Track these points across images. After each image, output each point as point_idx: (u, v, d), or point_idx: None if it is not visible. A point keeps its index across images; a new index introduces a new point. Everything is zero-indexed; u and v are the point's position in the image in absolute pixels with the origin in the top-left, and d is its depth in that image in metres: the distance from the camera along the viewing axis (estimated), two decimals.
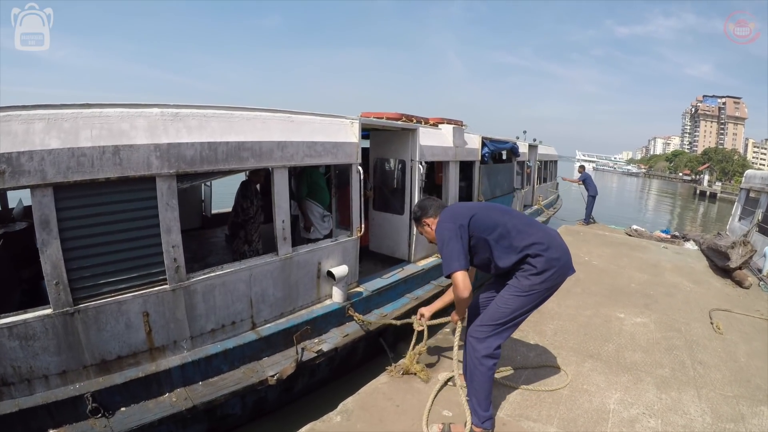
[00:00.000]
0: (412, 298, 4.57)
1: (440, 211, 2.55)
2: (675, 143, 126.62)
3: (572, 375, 3.22)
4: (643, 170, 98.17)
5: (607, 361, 3.51)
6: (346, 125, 3.98)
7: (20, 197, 4.34)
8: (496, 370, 3.08)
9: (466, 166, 6.47)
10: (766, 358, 3.74)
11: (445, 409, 2.73)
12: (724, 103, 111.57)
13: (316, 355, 3.36)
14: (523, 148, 9.51)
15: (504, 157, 8.87)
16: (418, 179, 4.93)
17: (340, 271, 3.79)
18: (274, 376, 3.02)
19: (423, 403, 2.75)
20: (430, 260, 5.26)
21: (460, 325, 2.83)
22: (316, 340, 3.56)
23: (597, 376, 3.25)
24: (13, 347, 2.34)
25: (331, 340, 3.58)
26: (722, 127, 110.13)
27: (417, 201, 3.07)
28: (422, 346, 3.18)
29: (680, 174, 78.52)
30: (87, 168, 2.41)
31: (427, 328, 3.13)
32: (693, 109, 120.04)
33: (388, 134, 5.27)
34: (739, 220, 9.16)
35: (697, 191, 42.86)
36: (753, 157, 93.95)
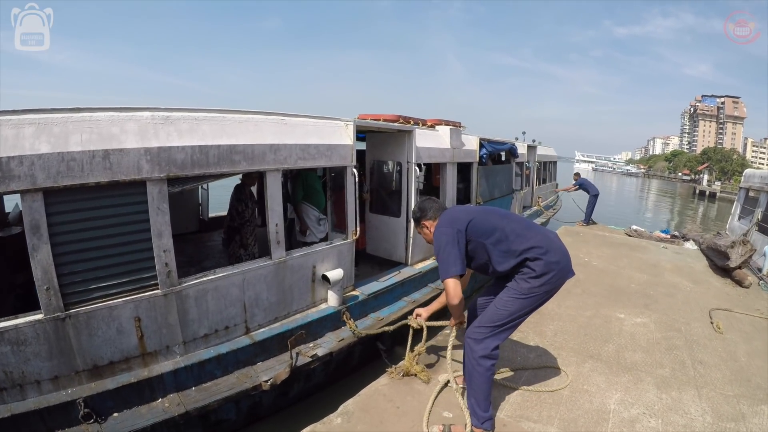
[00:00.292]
0: (410, 302, 4.52)
1: (440, 213, 2.57)
2: (674, 143, 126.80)
3: (572, 375, 3.21)
4: (643, 170, 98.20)
5: (608, 361, 3.49)
6: (341, 127, 3.96)
7: (17, 201, 4.31)
8: (497, 371, 3.07)
9: (464, 168, 6.45)
10: (767, 357, 3.71)
11: (446, 411, 2.72)
12: (722, 103, 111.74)
13: (311, 359, 3.32)
14: (522, 149, 9.48)
15: (503, 159, 8.86)
16: (415, 181, 4.90)
17: (336, 274, 3.76)
18: (268, 381, 3.00)
19: (423, 405, 2.74)
20: (428, 263, 5.22)
21: (455, 330, 2.83)
22: (311, 345, 3.52)
23: (597, 377, 3.23)
24: (5, 352, 2.33)
25: (327, 345, 3.54)
26: (721, 126, 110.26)
27: (416, 202, 3.08)
28: (422, 347, 3.17)
29: (679, 174, 78.56)
30: (77, 172, 2.40)
31: (427, 329, 3.11)
32: (692, 109, 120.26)
33: (385, 136, 5.25)
34: (739, 219, 9.13)
35: (697, 191, 42.91)
36: (752, 157, 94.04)
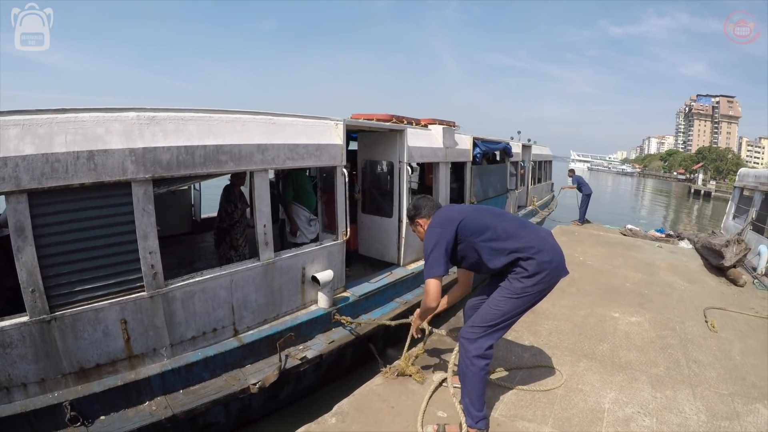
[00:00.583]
0: (401, 303, 4.48)
1: (434, 212, 2.57)
2: (669, 142, 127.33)
3: (567, 375, 3.20)
4: (638, 170, 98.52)
5: (602, 360, 3.48)
6: (330, 127, 3.92)
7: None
8: (491, 371, 3.08)
9: (458, 167, 6.43)
10: (761, 355, 3.71)
11: (440, 410, 2.71)
12: (717, 102, 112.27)
13: (300, 362, 3.28)
14: (517, 149, 9.48)
15: (497, 158, 8.85)
16: (407, 181, 4.87)
17: (325, 276, 3.72)
18: (256, 383, 2.96)
19: (418, 405, 2.73)
20: (421, 264, 5.13)
21: (415, 329, 2.93)
22: (300, 347, 3.48)
23: (592, 376, 3.22)
24: None
25: (317, 347, 3.50)
26: (716, 126, 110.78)
27: (411, 200, 3.10)
28: (419, 350, 3.18)
29: (675, 173, 78.99)
30: (61, 174, 2.37)
31: (429, 332, 3.14)
32: (687, 109, 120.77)
33: (376, 136, 5.19)
34: (734, 218, 9.16)
35: (692, 190, 43.13)
36: (747, 156, 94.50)
